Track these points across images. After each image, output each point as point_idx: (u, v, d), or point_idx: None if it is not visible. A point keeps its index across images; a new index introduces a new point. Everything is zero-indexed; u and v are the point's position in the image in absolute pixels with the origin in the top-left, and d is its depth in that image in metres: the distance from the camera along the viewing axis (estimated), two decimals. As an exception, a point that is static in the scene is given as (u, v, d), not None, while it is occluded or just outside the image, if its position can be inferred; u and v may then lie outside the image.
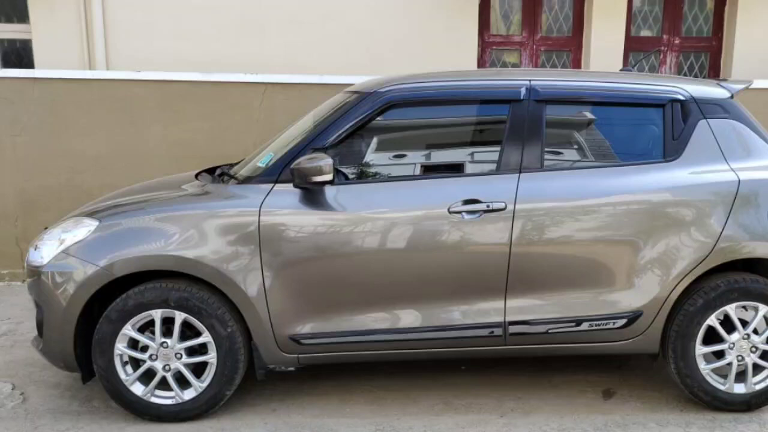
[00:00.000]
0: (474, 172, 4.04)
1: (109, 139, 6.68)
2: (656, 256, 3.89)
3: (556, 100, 4.02)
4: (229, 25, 8.37)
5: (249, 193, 3.85)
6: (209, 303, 3.77)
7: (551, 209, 3.85)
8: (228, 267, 3.75)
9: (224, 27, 8.35)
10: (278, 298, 3.80)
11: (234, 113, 6.75)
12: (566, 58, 9.30)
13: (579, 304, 3.92)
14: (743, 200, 3.92)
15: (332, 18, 8.48)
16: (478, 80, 4.17)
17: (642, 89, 4.08)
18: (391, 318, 3.88)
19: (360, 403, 4.17)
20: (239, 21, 8.38)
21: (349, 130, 3.91)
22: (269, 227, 3.76)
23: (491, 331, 3.90)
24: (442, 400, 4.21)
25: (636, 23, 9.14)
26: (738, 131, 4.05)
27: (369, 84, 4.22)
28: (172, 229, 3.77)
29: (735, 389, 4.03)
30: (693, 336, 3.94)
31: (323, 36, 8.42)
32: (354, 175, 4.00)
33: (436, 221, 3.81)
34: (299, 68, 7.85)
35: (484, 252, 3.86)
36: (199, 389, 3.87)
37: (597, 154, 4.10)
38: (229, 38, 8.33)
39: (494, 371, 4.61)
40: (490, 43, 9.16)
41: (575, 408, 4.12)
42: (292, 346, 3.87)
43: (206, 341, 3.82)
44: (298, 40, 8.39)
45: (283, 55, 8.30)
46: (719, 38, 9.31)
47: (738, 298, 3.94)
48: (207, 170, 4.76)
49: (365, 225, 3.80)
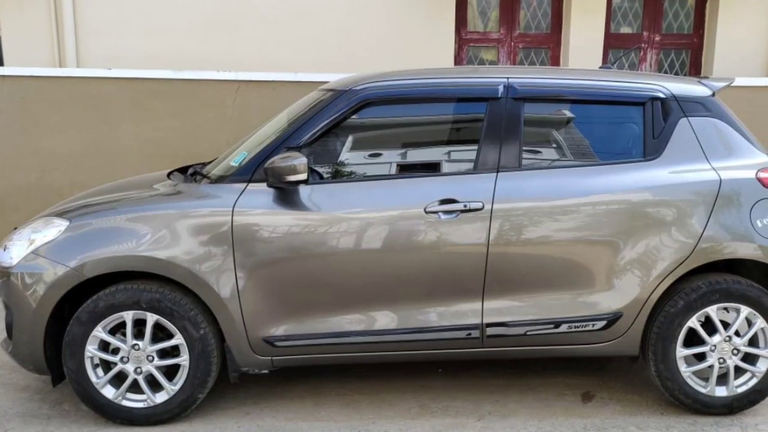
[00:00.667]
0: (451, 172, 4.24)
1: (79, 137, 6.91)
2: (636, 257, 4.10)
3: (535, 97, 4.24)
4: (202, 22, 8.65)
5: (222, 193, 4.04)
6: (181, 304, 3.97)
7: (529, 209, 4.06)
8: (200, 268, 3.94)
9: (196, 24, 8.63)
10: (252, 300, 3.99)
11: (207, 111, 7.00)
12: (545, 55, 9.63)
13: (558, 306, 4.13)
14: (725, 200, 4.14)
15: (306, 15, 8.78)
16: (455, 78, 4.40)
17: (622, 87, 4.30)
18: (366, 320, 4.09)
19: (334, 407, 4.39)
20: (212, 18, 8.66)
21: (323, 129, 4.12)
22: (242, 227, 3.95)
23: (468, 333, 4.10)
24: (418, 404, 4.43)
25: (616, 20, 9.47)
26: (720, 130, 4.28)
27: (344, 82, 4.43)
28: (144, 229, 3.95)
29: (716, 392, 4.25)
30: (674, 338, 4.16)
31: (297, 33, 8.70)
32: (329, 175, 4.20)
33: (412, 221, 4.01)
34: (273, 66, 8.15)
35: (461, 252, 4.06)
36: (172, 392, 4.07)
37: (576, 153, 4.33)
38: (202, 35, 8.60)
39: (471, 374, 4.83)
40: (467, 40, 9.48)
41: (554, 411, 4.35)
42: (266, 348, 4.07)
43: (178, 343, 4.01)
44: (272, 37, 8.68)
45: (256, 52, 8.58)
46: (700, 35, 9.65)
47: (719, 300, 4.15)
48: (179, 169, 4.95)
49: (340, 225, 4.00)
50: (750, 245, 4.15)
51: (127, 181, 5.08)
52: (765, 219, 4.17)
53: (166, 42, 8.57)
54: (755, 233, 4.14)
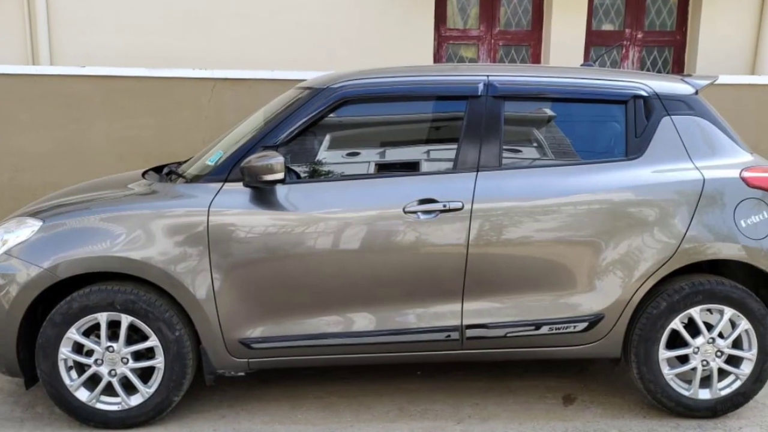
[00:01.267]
0: (430, 171, 4.45)
1: (52, 136, 7.12)
2: (618, 258, 4.32)
3: (515, 96, 4.46)
4: (176, 18, 8.89)
5: (197, 193, 4.24)
6: (156, 306, 4.16)
7: (510, 209, 4.27)
8: (176, 269, 4.13)
9: (171, 21, 8.87)
10: (228, 301, 4.19)
11: (181, 110, 7.22)
12: (525, 52, 9.93)
13: (538, 307, 4.35)
14: (708, 200, 4.35)
15: (283, 11, 9.02)
16: (434, 76, 4.62)
17: (603, 85, 4.53)
18: (344, 321, 4.29)
19: (312, 410, 4.61)
20: (186, 14, 8.90)
21: (301, 128, 4.32)
22: (218, 227, 4.15)
23: (448, 334, 4.32)
24: (396, 407, 4.66)
25: (597, 17, 9.76)
26: (703, 129, 4.50)
27: (321, 79, 4.64)
28: (118, 229, 4.14)
29: (700, 395, 4.47)
30: (656, 340, 4.38)
31: (274, 30, 8.95)
32: (306, 174, 4.42)
33: (390, 221, 4.21)
34: (249, 63, 8.38)
35: (441, 253, 4.26)
36: (146, 395, 4.27)
37: (557, 152, 4.56)
38: (176, 32, 8.84)
39: (451, 376, 5.06)
40: (446, 38, 9.77)
41: (534, 414, 4.57)
42: (242, 350, 4.27)
43: (153, 345, 4.21)
44: (248, 34, 8.92)
45: (232, 49, 8.83)
46: (683, 32, 9.94)
47: (703, 301, 4.37)
48: (154, 169, 5.14)
49: (317, 225, 4.19)
50: (734, 246, 4.36)
51: (101, 180, 5.24)
52: (749, 219, 4.37)
53: (140, 39, 8.80)
54: (739, 233, 4.35)
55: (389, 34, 9.21)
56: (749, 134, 6.05)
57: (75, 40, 8.81)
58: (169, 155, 6.29)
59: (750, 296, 4.41)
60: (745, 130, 5.59)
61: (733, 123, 4.77)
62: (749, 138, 5.39)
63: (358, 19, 9.20)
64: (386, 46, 9.13)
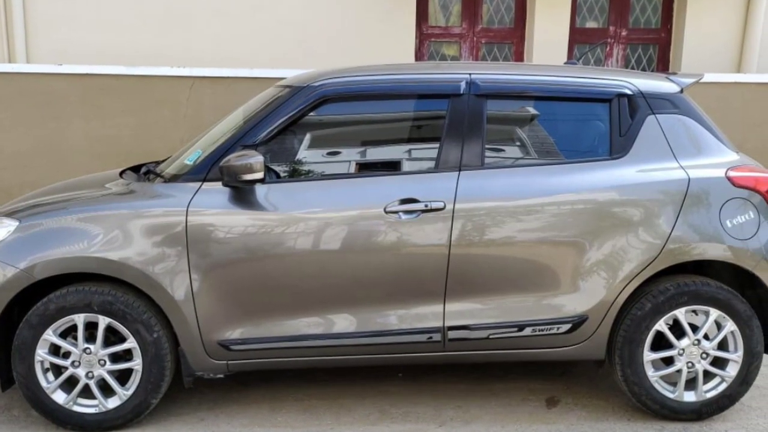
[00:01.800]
0: (412, 170, 4.62)
1: (29, 135, 7.33)
2: (602, 258, 4.49)
3: (498, 94, 4.63)
4: (155, 16, 9.10)
5: (176, 192, 4.40)
6: (134, 307, 4.32)
7: (492, 209, 4.44)
8: (154, 269, 4.29)
9: (149, 18, 9.07)
10: (207, 302, 4.35)
11: (160, 108, 7.43)
12: (508, 50, 10.20)
13: (521, 309, 4.52)
14: (693, 200, 4.53)
15: (263, 9, 9.25)
16: (415, 74, 4.79)
17: (587, 83, 4.71)
18: (324, 323, 4.46)
19: (292, 412, 4.80)
20: (165, 11, 9.11)
21: (280, 126, 4.49)
22: (197, 228, 4.31)
23: (429, 336, 4.49)
24: (377, 409, 4.84)
25: (581, 14, 10.02)
26: (688, 127, 4.68)
27: (302, 78, 4.80)
28: (96, 229, 4.30)
29: (685, 397, 4.66)
30: (641, 342, 4.55)
31: (253, 28, 9.18)
32: (286, 174, 4.59)
33: (371, 221, 4.38)
34: (228, 61, 8.60)
35: (422, 254, 4.43)
36: (124, 397, 4.43)
37: (540, 152, 4.74)
38: (155, 30, 9.04)
39: (432, 378, 5.26)
40: (428, 35, 10.02)
41: (517, 417, 4.76)
42: (221, 352, 4.44)
43: (131, 347, 4.37)
44: (228, 32, 9.14)
45: (211, 47, 9.03)
46: (668, 30, 10.20)
47: (688, 302, 4.55)
48: (132, 168, 5.28)
49: (297, 225, 4.36)
50: (719, 246, 4.53)
51: (79, 180, 5.41)
52: (735, 219, 4.55)
53: (118, 37, 9.00)
54: (725, 234, 4.52)
55: (370, 31, 9.44)
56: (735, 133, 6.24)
57: (52, 37, 9.00)
58: (148, 154, 6.46)
59: (736, 297, 4.57)
60: (730, 128, 5.79)
61: (718, 121, 4.95)
62: (735, 137, 5.57)
63: (338, 17, 9.43)
64: (367, 43, 9.35)
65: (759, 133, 8.10)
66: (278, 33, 9.31)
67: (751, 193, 4.61)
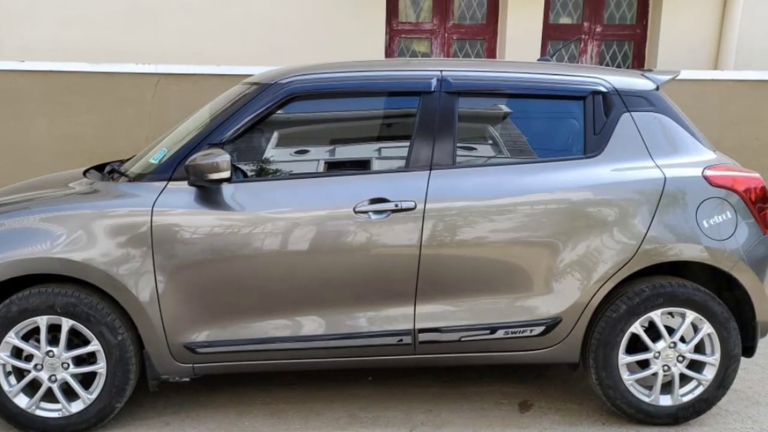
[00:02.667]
0: (381, 169, 4.85)
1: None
2: (576, 259, 4.73)
3: (470, 91, 4.87)
4: (120, 11, 9.40)
5: (141, 192, 4.61)
6: (98, 309, 4.54)
7: (464, 209, 4.67)
8: (118, 270, 4.51)
9: (115, 14, 9.37)
10: (172, 304, 4.58)
11: (125, 106, 7.72)
12: (480, 47, 10.55)
13: (494, 311, 4.75)
14: (669, 199, 4.76)
15: (231, 4, 9.56)
16: (385, 71, 5.02)
17: (561, 80, 4.96)
18: (292, 325, 4.69)
19: (259, 416, 5.04)
20: (131, 7, 9.40)
21: (248, 124, 4.71)
22: (162, 228, 4.52)
23: (400, 338, 4.73)
24: (347, 413, 5.10)
25: (555, 10, 10.34)
26: (664, 125, 4.92)
27: (269, 75, 5.03)
28: (59, 230, 4.50)
29: (660, 401, 4.90)
30: (616, 344, 4.79)
31: (221, 24, 9.48)
32: (253, 173, 4.81)
33: (340, 222, 4.60)
34: (195, 58, 8.87)
35: (393, 254, 4.66)
36: (88, 401, 4.66)
37: (513, 150, 4.98)
38: (120, 26, 9.33)
39: (403, 382, 5.52)
40: (398, 31, 10.36)
41: (490, 421, 5.01)
42: (187, 355, 4.66)
43: (95, 350, 4.59)
44: (194, 27, 9.43)
45: (177, 43, 9.31)
46: (644, 26, 10.54)
47: (664, 304, 4.78)
48: (96, 167, 5.49)
49: (265, 226, 4.58)
50: (696, 246, 4.77)
51: (41, 179, 5.63)
52: (712, 219, 4.78)
53: (83, 33, 9.26)
54: (701, 234, 4.76)
55: (339, 27, 9.72)
56: (712, 131, 6.48)
57: (14, 33, 9.26)
58: (112, 153, 6.68)
59: (713, 299, 4.81)
60: (707, 126, 6.07)
61: (695, 119, 5.20)
62: (712, 135, 5.80)
63: (307, 13, 9.72)
64: (337, 40, 9.63)
65: (736, 132, 8.39)
66: (246, 29, 9.61)
67: (729, 193, 4.82)
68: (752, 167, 5.21)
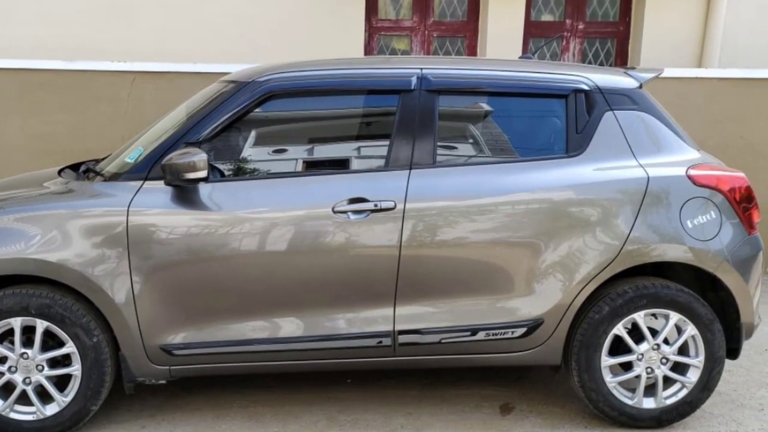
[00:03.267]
0: (361, 169, 5.00)
1: (-37, 132, 7.74)
2: (558, 260, 4.87)
3: (450, 90, 5.02)
4: (95, 8, 9.56)
5: (116, 192, 4.74)
6: (73, 310, 4.67)
7: (444, 209, 4.81)
8: (94, 271, 4.63)
9: (90, 11, 9.54)
10: (148, 305, 4.71)
11: (100, 104, 7.89)
12: (461, 44, 10.76)
13: (475, 312, 4.90)
14: (653, 199, 4.90)
15: (207, 2, 9.76)
16: (365, 69, 5.16)
17: (543, 78, 5.10)
18: (270, 327, 4.83)
19: (237, 419, 5.19)
20: (106, 4, 9.58)
21: (225, 123, 4.84)
22: (138, 228, 4.65)
23: (379, 340, 4.87)
24: (325, 416, 5.25)
25: (536, 7, 10.52)
26: (647, 124, 5.07)
27: (247, 72, 5.17)
28: (33, 230, 4.62)
29: (644, 404, 5.05)
30: (598, 346, 4.94)
31: (197, 21, 9.66)
32: (230, 172, 4.94)
33: (319, 222, 4.74)
34: (171, 56, 9.02)
35: (372, 255, 4.80)
36: (63, 404, 4.79)
37: (494, 149, 5.13)
38: (95, 23, 9.50)
39: (383, 384, 5.69)
40: (377, 29, 10.56)
41: (470, 424, 5.17)
42: (164, 357, 4.80)
43: (70, 352, 4.72)
44: (170, 25, 9.60)
45: (153, 41, 9.48)
46: (627, 23, 10.73)
47: (647, 305, 4.93)
48: (71, 166, 5.62)
49: (242, 226, 4.71)
50: (680, 247, 4.91)
51: (15, 178, 5.76)
52: (696, 219, 4.92)
53: (57, 30, 9.43)
54: (685, 234, 4.90)
55: (318, 25, 9.89)
56: (696, 130, 6.58)
57: (-10, 31, 9.43)
58: (87, 152, 6.84)
59: (697, 300, 4.96)
60: (691, 125, 6.19)
61: (679, 118, 5.36)
62: (696, 134, 5.93)
63: (285, 10, 9.91)
64: (315, 37, 9.80)
65: (720, 130, 8.55)
66: (223, 26, 9.78)
67: (713, 193, 4.97)
68: (737, 166, 5.36)
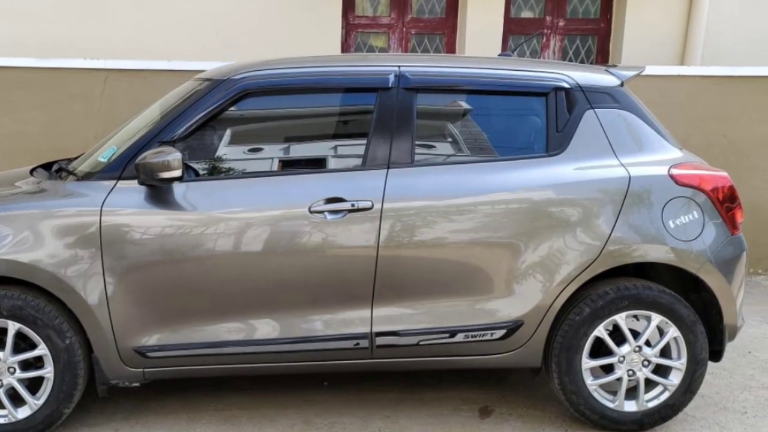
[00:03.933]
0: (338, 168, 5.17)
1: (-68, 131, 7.87)
2: (538, 260, 5.01)
3: (428, 88, 5.17)
4: (68, 4, 9.72)
5: (89, 191, 4.87)
6: (46, 312, 4.80)
7: (422, 208, 4.96)
8: (66, 272, 4.76)
9: (62, 7, 9.69)
10: (122, 307, 4.84)
11: (72, 103, 8.06)
12: (439, 41, 10.95)
13: (453, 314, 5.05)
14: (634, 198, 5.04)
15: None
16: (342, 66, 5.32)
17: (522, 76, 5.26)
18: (246, 328, 4.97)
19: (211, 423, 5.35)
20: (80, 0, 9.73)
21: (199, 122, 4.97)
22: (111, 228, 4.78)
23: (356, 342, 5.01)
24: (302, 419, 5.41)
25: (516, 4, 10.72)
26: (629, 123, 5.22)
27: (222, 70, 5.31)
28: (5, 230, 4.73)
29: (625, 407, 5.20)
30: (579, 348, 5.09)
31: (172, 18, 9.83)
32: (205, 171, 5.09)
33: (295, 222, 4.87)
34: (145, 53, 9.21)
35: (349, 256, 4.94)
36: (35, 407, 4.91)
37: (473, 148, 5.28)
38: (68, 19, 9.66)
39: (360, 387, 5.84)
40: (355, 26, 10.75)
41: (449, 428, 5.33)
42: (137, 359, 4.93)
43: (42, 354, 4.85)
44: (145, 22, 9.76)
45: (127, 38, 9.65)
46: (608, 20, 10.94)
47: (629, 307, 5.08)
48: (43, 165, 5.76)
49: (217, 226, 4.85)
50: (662, 248, 5.07)
51: None
52: (678, 219, 5.07)
53: (29, 27, 9.59)
54: (667, 235, 5.05)
55: (294, 22, 10.08)
56: (678, 128, 6.70)
57: (-39, 28, 9.56)
58: (59, 151, 6.96)
59: (679, 302, 5.11)
60: (673, 123, 6.32)
61: (661, 116, 5.52)
62: (678, 132, 6.10)
63: (261, 7, 10.10)
64: (291, 34, 10.00)
65: (703, 129, 8.74)
66: (198, 23, 9.95)
67: (696, 192, 5.12)
68: (720, 166, 5.52)
